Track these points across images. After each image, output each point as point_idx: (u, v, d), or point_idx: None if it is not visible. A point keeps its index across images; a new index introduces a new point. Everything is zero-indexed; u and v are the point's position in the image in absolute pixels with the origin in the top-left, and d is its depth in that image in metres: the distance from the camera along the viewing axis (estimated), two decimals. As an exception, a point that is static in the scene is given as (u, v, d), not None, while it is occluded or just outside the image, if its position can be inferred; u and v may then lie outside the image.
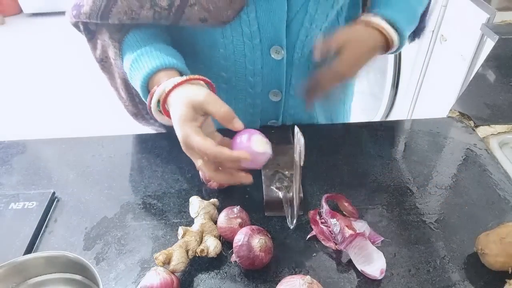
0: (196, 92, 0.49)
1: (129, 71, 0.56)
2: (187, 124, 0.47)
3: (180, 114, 0.48)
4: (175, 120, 0.49)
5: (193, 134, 0.46)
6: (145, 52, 0.55)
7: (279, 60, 0.62)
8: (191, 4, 0.53)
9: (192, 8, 0.53)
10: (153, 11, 0.53)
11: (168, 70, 0.54)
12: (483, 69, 0.97)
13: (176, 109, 0.49)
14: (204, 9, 0.53)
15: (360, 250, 0.53)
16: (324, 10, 0.58)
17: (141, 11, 0.53)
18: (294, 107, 0.73)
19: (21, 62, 2.99)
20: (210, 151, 0.45)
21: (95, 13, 0.55)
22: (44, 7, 3.60)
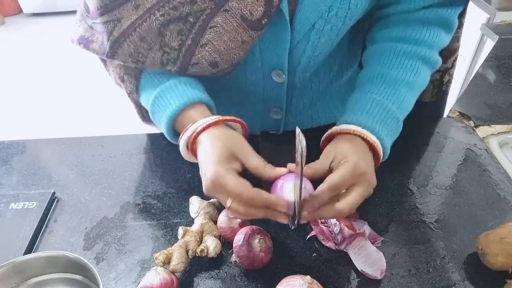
0: (235, 137, 0.49)
1: (151, 107, 0.54)
2: (222, 165, 0.45)
3: (216, 153, 0.46)
4: (207, 157, 0.47)
5: (228, 175, 0.45)
6: (169, 87, 0.53)
7: (280, 82, 0.61)
8: (203, 44, 0.51)
9: (203, 49, 0.51)
10: (161, 52, 0.51)
11: (197, 106, 0.52)
12: (483, 69, 0.97)
13: (210, 147, 0.47)
14: (215, 50, 0.51)
15: (360, 250, 0.53)
16: (328, 39, 0.56)
17: (148, 54, 0.51)
18: (295, 122, 0.72)
19: (21, 62, 2.99)
20: (247, 193, 0.44)
21: (102, 52, 0.54)
22: (44, 7, 3.59)
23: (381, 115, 0.53)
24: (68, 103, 2.51)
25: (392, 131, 0.54)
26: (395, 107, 0.54)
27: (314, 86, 0.68)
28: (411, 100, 0.57)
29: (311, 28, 0.54)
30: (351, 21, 0.55)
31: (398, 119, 0.54)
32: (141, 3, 0.49)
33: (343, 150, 0.49)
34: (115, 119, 2.28)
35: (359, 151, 0.50)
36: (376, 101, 0.54)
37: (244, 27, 0.50)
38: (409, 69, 0.56)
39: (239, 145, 0.49)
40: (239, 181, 0.45)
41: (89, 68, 2.60)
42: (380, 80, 0.55)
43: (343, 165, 0.47)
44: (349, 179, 0.47)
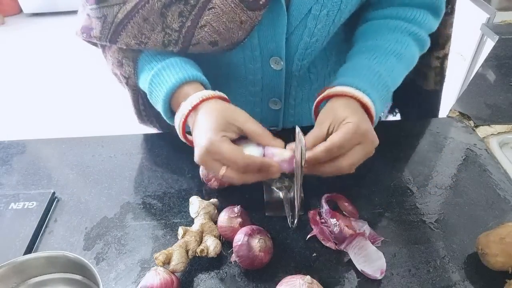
0: (230, 107, 0.49)
1: (148, 86, 0.55)
2: (217, 133, 0.46)
3: (211, 123, 0.47)
4: (202, 126, 0.47)
5: (222, 142, 0.45)
6: (166, 66, 0.54)
7: (278, 70, 0.62)
8: (202, 25, 0.52)
9: (202, 30, 0.52)
10: (163, 33, 0.52)
11: (193, 83, 0.53)
12: (483, 69, 0.97)
13: (205, 116, 0.48)
14: (214, 31, 0.52)
15: (360, 250, 0.53)
16: (324, 25, 0.57)
17: (151, 35, 0.53)
18: (294, 115, 0.73)
19: (21, 62, 2.99)
20: (241, 159, 0.45)
21: (104, 37, 0.54)
22: (44, 7, 3.60)
23: (372, 78, 0.54)
24: (68, 103, 2.51)
25: (382, 97, 0.55)
26: (386, 74, 0.55)
27: (312, 77, 0.68)
28: (401, 72, 0.58)
29: (308, 13, 0.54)
30: (347, 8, 0.56)
31: (389, 86, 0.55)
32: None
33: (341, 112, 0.49)
34: (115, 119, 2.28)
35: (357, 111, 0.50)
36: (369, 66, 0.55)
37: (242, 7, 0.50)
38: (400, 42, 0.57)
39: (235, 112, 0.49)
40: (234, 148, 0.46)
41: (89, 68, 2.60)
42: (372, 50, 0.57)
43: (345, 126, 0.48)
44: (352, 139, 0.47)
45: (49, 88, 2.67)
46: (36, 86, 2.70)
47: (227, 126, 0.48)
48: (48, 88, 2.68)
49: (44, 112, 2.44)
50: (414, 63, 0.60)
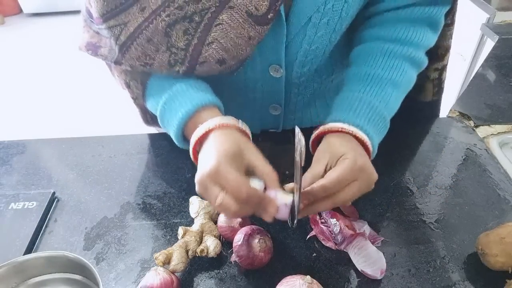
0: (244, 140, 0.48)
1: (159, 111, 0.54)
2: (228, 159, 0.44)
3: (222, 148, 0.45)
4: (212, 150, 0.46)
5: (231, 168, 0.43)
6: (180, 91, 0.52)
7: (278, 77, 0.61)
8: (209, 42, 0.50)
9: (210, 47, 0.50)
10: (169, 53, 0.51)
11: (209, 108, 0.52)
12: (483, 69, 0.97)
13: (218, 142, 0.46)
14: (222, 48, 0.51)
15: (360, 250, 0.53)
16: (325, 33, 0.56)
17: (156, 55, 0.51)
18: (294, 119, 0.72)
19: (21, 62, 2.99)
20: (246, 189, 0.43)
21: (111, 58, 0.53)
22: (44, 7, 3.59)
23: (368, 113, 0.53)
24: (68, 103, 2.51)
25: (379, 130, 0.54)
26: (382, 105, 0.54)
27: (315, 85, 0.68)
28: (398, 100, 0.57)
29: (308, 21, 0.54)
30: (348, 15, 0.55)
31: (385, 118, 0.54)
32: (146, 5, 0.48)
33: (338, 149, 0.49)
34: (115, 119, 2.28)
35: (354, 147, 0.50)
36: (363, 100, 0.54)
37: (250, 22, 0.49)
38: (396, 69, 0.56)
39: (248, 147, 0.48)
40: (241, 177, 0.44)
41: (89, 68, 2.60)
42: (367, 79, 0.56)
43: (342, 162, 0.47)
44: (350, 175, 0.46)
45: (49, 88, 2.67)
46: (36, 86, 2.70)
47: (237, 157, 0.46)
48: (48, 88, 2.68)
49: (44, 112, 2.44)
50: (411, 85, 0.59)
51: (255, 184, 0.47)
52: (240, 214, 0.45)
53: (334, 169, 0.47)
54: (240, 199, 0.43)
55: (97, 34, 0.56)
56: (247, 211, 0.45)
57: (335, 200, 0.47)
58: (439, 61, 0.72)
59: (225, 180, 0.43)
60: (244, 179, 0.44)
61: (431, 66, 0.71)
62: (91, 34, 0.57)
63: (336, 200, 0.47)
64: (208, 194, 0.45)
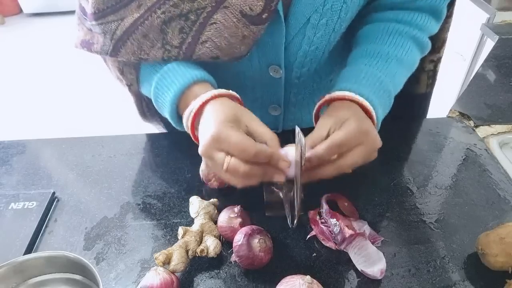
0: (241, 106, 0.48)
1: (153, 90, 0.54)
2: (226, 123, 0.44)
3: (220, 115, 0.45)
4: (209, 119, 0.45)
5: (232, 130, 0.43)
6: (171, 68, 0.52)
7: (278, 78, 0.61)
8: (203, 41, 0.50)
9: (203, 46, 0.51)
10: (163, 50, 0.51)
11: (201, 83, 0.52)
12: (483, 69, 0.97)
13: (214, 111, 0.46)
14: (216, 46, 0.51)
15: (360, 250, 0.53)
16: (324, 34, 0.56)
17: (151, 51, 0.52)
18: (294, 120, 0.72)
19: (21, 62, 2.99)
20: (252, 146, 0.42)
21: (104, 52, 0.54)
22: (44, 7, 3.59)
23: (374, 85, 0.53)
24: (68, 103, 2.51)
25: (384, 103, 0.54)
26: (387, 79, 0.54)
27: (315, 86, 0.68)
28: (402, 77, 0.57)
29: (306, 22, 0.54)
30: (347, 16, 0.55)
31: (390, 92, 0.54)
32: (143, 2, 0.49)
33: (342, 114, 0.49)
34: (115, 119, 2.28)
35: (359, 114, 0.50)
36: (370, 72, 0.54)
37: (244, 22, 0.50)
38: (401, 46, 0.56)
39: (245, 112, 0.48)
40: (244, 136, 0.43)
41: (89, 68, 2.60)
42: (373, 55, 0.56)
43: (346, 125, 0.47)
44: (354, 138, 0.46)
45: (49, 88, 2.67)
46: (36, 86, 2.70)
47: (236, 121, 0.46)
48: (48, 88, 2.68)
49: (44, 112, 2.44)
50: (415, 66, 0.59)
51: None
52: (250, 175, 0.44)
53: (337, 131, 0.47)
54: (248, 158, 0.42)
55: (90, 31, 0.56)
56: (256, 171, 0.44)
57: (338, 164, 0.46)
58: (435, 53, 0.73)
59: (228, 143, 0.43)
60: (248, 138, 0.43)
61: (427, 58, 0.71)
62: (84, 31, 0.57)
63: (339, 164, 0.46)
64: (214, 163, 0.44)
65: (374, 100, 0.52)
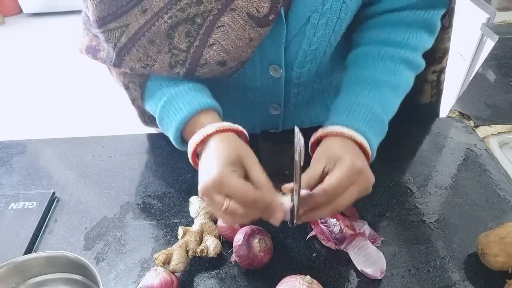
0: (243, 146, 0.49)
1: (158, 113, 0.54)
2: (227, 167, 0.45)
3: (222, 156, 0.46)
4: (213, 158, 0.46)
5: (233, 176, 0.44)
6: (179, 93, 0.52)
7: (278, 78, 0.61)
8: (210, 44, 0.50)
9: (211, 49, 0.51)
10: (170, 55, 0.51)
11: (207, 112, 0.52)
12: (483, 69, 0.97)
13: (217, 149, 0.47)
14: (223, 50, 0.51)
15: (360, 250, 0.53)
16: (324, 34, 0.56)
17: (157, 57, 0.51)
18: (294, 119, 0.72)
19: (21, 62, 2.99)
20: (252, 193, 0.43)
21: (109, 61, 0.54)
22: (44, 7, 3.59)
23: (366, 116, 0.53)
24: (68, 103, 2.51)
25: (378, 133, 0.54)
26: (380, 108, 0.54)
27: (314, 85, 0.68)
28: (396, 102, 0.57)
29: (306, 22, 0.54)
30: (347, 16, 0.55)
31: (384, 120, 0.55)
32: (148, 7, 0.48)
33: (336, 151, 0.49)
34: (115, 119, 2.28)
35: (352, 150, 0.50)
36: (362, 103, 0.54)
37: (251, 24, 0.49)
38: (393, 71, 0.56)
39: (247, 154, 0.48)
40: (245, 183, 0.44)
41: (89, 68, 2.60)
42: (365, 83, 0.56)
43: (340, 166, 0.47)
44: (348, 179, 0.47)
45: (49, 88, 2.67)
46: (36, 86, 2.70)
47: (238, 163, 0.47)
48: (48, 88, 2.68)
49: (44, 112, 2.44)
50: (409, 88, 0.59)
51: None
52: (247, 218, 0.45)
53: (332, 173, 0.47)
54: (247, 204, 0.44)
55: (95, 37, 0.56)
56: (252, 215, 0.45)
57: (335, 205, 0.47)
58: (437, 64, 0.72)
59: (229, 188, 0.44)
60: (248, 184, 0.45)
61: (429, 69, 0.71)
62: (90, 37, 0.57)
63: (336, 205, 0.47)
64: (213, 203, 0.45)
65: (367, 132, 0.52)
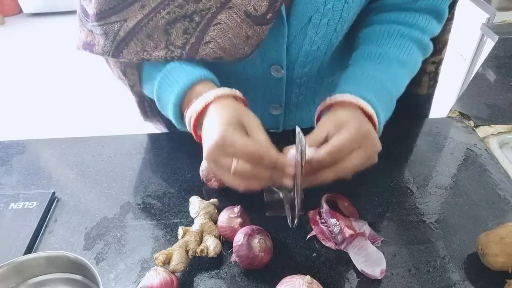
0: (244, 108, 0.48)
1: (156, 90, 0.54)
2: (229, 127, 0.44)
3: (223, 118, 0.45)
4: (213, 122, 0.45)
5: (236, 135, 0.43)
6: (174, 67, 0.52)
7: (279, 77, 0.61)
8: (207, 41, 0.50)
9: (207, 46, 0.51)
10: (166, 50, 0.51)
11: (204, 82, 0.51)
12: (483, 69, 0.97)
13: (217, 114, 0.46)
14: (219, 47, 0.51)
15: (360, 250, 0.53)
16: (325, 34, 0.56)
17: (154, 51, 0.51)
18: (295, 119, 0.72)
19: (21, 62, 2.99)
20: (258, 148, 0.42)
21: (106, 53, 0.54)
22: (44, 7, 3.59)
23: (376, 88, 0.52)
24: (68, 103, 2.51)
25: (386, 106, 0.54)
26: (389, 82, 0.54)
27: (316, 87, 0.68)
28: (404, 79, 0.57)
29: (308, 22, 0.54)
30: (349, 16, 0.55)
31: (392, 95, 0.54)
32: (146, 3, 0.49)
33: (342, 117, 0.48)
34: (115, 119, 2.28)
35: (360, 117, 0.49)
36: (371, 74, 0.53)
37: (248, 22, 0.49)
38: (403, 48, 0.56)
39: (248, 115, 0.47)
40: (249, 139, 0.43)
41: (89, 68, 2.60)
42: (375, 57, 0.55)
43: (346, 127, 0.46)
44: (354, 140, 0.46)
45: (49, 88, 2.67)
46: (36, 86, 2.70)
47: (238, 125, 0.46)
48: (48, 88, 2.68)
49: (44, 112, 2.44)
50: (417, 68, 0.59)
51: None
52: (258, 177, 0.44)
53: (338, 134, 0.46)
54: (255, 159, 0.43)
55: (91, 33, 0.56)
56: (263, 174, 0.44)
57: (339, 168, 0.46)
58: (437, 55, 0.72)
59: (233, 147, 0.43)
60: (253, 140, 0.44)
61: (428, 59, 0.71)
62: (86, 33, 0.57)
63: (340, 167, 0.46)
64: (220, 167, 0.44)
65: (375, 103, 0.51)
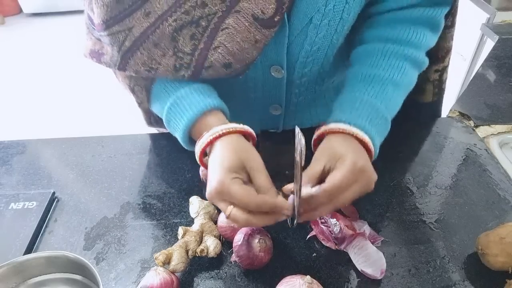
0: (248, 148, 0.49)
1: (166, 115, 0.54)
2: (228, 174, 0.45)
3: (224, 161, 0.46)
4: (216, 164, 0.47)
5: (233, 184, 0.45)
6: (185, 95, 0.52)
7: (279, 78, 0.61)
8: (215, 46, 0.50)
9: (216, 52, 0.50)
10: (175, 58, 0.51)
11: (214, 112, 0.52)
12: (483, 69, 0.97)
13: (220, 154, 0.47)
14: (228, 52, 0.51)
15: (360, 250, 0.53)
16: (326, 34, 0.56)
17: (162, 60, 0.51)
18: (294, 119, 0.72)
19: (21, 62, 2.99)
20: (253, 200, 0.44)
21: (113, 64, 0.53)
22: (44, 7, 3.59)
23: (369, 114, 0.53)
24: (68, 103, 2.51)
25: (380, 130, 0.54)
26: (383, 106, 0.54)
27: (316, 85, 0.68)
28: (399, 100, 0.57)
29: (308, 22, 0.54)
30: (349, 16, 0.55)
31: (386, 118, 0.54)
32: (151, 10, 0.48)
33: (338, 149, 0.49)
34: (115, 119, 2.28)
35: (354, 148, 0.50)
36: (365, 100, 0.53)
37: (257, 26, 0.49)
38: (397, 69, 0.56)
39: (251, 157, 0.48)
40: (245, 189, 0.45)
41: (89, 68, 2.60)
42: (368, 80, 0.55)
43: (341, 165, 0.47)
44: (349, 178, 0.46)
45: (49, 88, 2.67)
46: (36, 86, 2.70)
47: (240, 168, 0.47)
48: (48, 88, 2.68)
49: (44, 112, 2.44)
50: (412, 86, 0.59)
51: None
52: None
53: (334, 172, 0.47)
54: (251, 208, 0.44)
55: (99, 41, 0.56)
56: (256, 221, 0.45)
57: (336, 203, 0.47)
58: (439, 63, 0.72)
59: (229, 196, 0.44)
60: (250, 189, 0.45)
61: (431, 68, 0.71)
62: (93, 41, 0.57)
63: (337, 203, 0.47)
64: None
65: (370, 130, 0.51)
